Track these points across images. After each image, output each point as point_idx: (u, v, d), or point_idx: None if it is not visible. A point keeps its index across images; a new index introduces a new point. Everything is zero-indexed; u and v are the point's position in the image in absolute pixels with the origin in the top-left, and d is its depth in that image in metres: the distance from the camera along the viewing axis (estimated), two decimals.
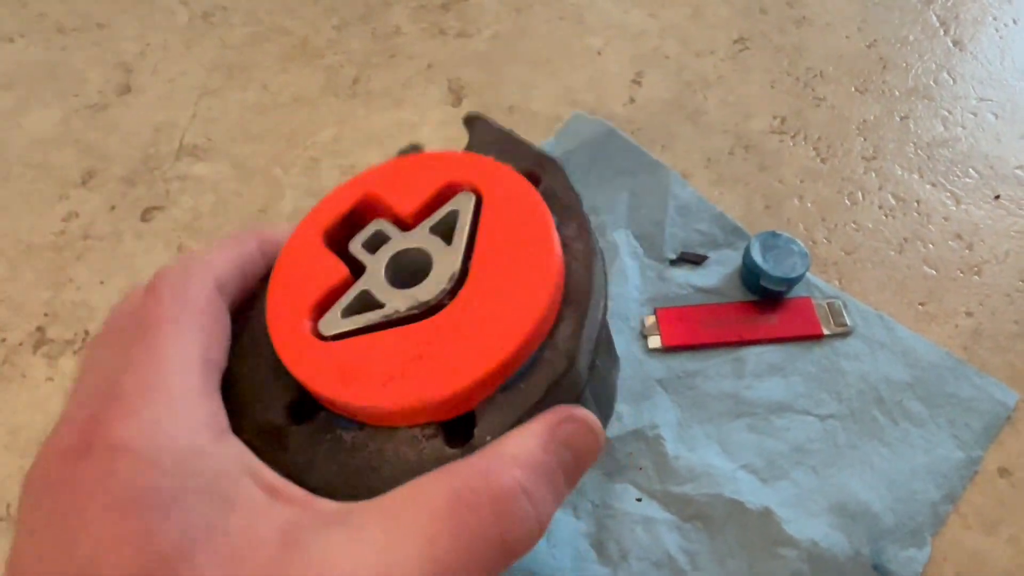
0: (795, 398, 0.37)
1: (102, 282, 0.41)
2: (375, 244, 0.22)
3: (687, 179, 0.45)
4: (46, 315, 0.40)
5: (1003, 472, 0.35)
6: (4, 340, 0.39)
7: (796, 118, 0.48)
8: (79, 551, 0.15)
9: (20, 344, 0.39)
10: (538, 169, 0.24)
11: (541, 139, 0.46)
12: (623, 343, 0.38)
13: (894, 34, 0.53)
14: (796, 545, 0.32)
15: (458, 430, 0.20)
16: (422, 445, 0.19)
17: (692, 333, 0.38)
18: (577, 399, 0.21)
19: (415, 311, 0.21)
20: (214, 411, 0.18)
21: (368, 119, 0.48)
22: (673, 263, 0.41)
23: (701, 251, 0.41)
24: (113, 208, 0.44)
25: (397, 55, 0.51)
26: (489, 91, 0.49)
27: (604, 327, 0.24)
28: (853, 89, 0.50)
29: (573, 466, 0.19)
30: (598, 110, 0.48)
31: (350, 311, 0.21)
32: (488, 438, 0.19)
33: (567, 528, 0.32)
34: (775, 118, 0.48)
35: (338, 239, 0.23)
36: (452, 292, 0.21)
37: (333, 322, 0.21)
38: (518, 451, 0.18)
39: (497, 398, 0.19)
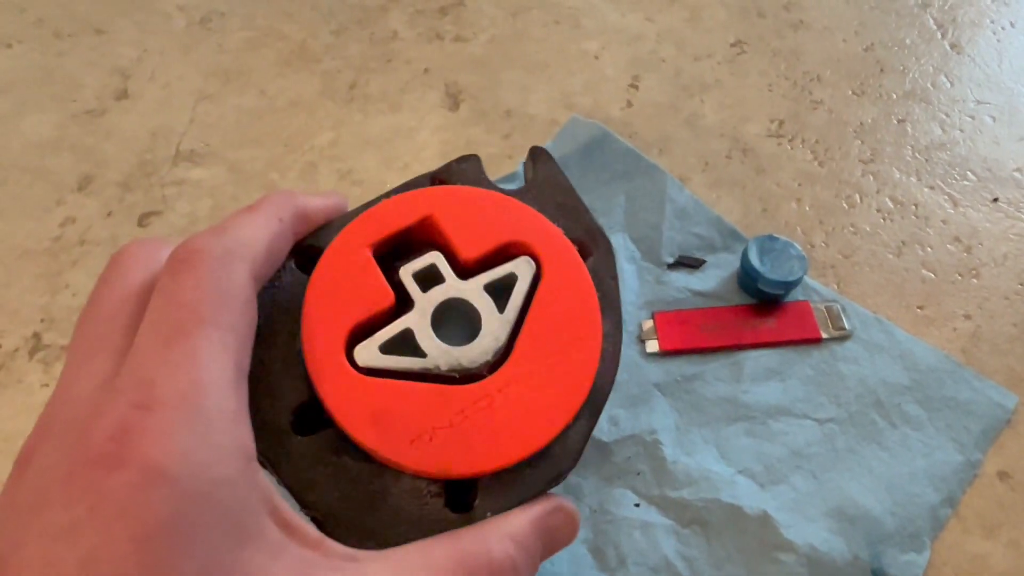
0: (793, 402, 0.36)
1: None
2: (427, 279, 0.22)
3: (684, 183, 0.44)
4: (42, 321, 0.40)
5: (1003, 475, 0.35)
6: (0, 346, 0.39)
7: (793, 121, 0.48)
8: (96, 570, 0.14)
9: (16, 350, 0.39)
10: (591, 243, 0.24)
11: (539, 143, 0.46)
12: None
13: (891, 37, 0.53)
14: (795, 550, 0.32)
15: (459, 495, 0.21)
16: (425, 501, 0.20)
17: (690, 337, 0.38)
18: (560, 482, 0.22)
19: (454, 374, 0.21)
20: (244, 436, 0.17)
21: (365, 123, 0.48)
22: (670, 267, 0.41)
23: (698, 255, 0.41)
24: (110, 214, 0.44)
25: (394, 60, 0.51)
26: (486, 95, 0.49)
27: None
28: (850, 92, 0.50)
29: (551, 548, 0.21)
30: (595, 114, 0.48)
31: (388, 347, 0.21)
32: (488, 514, 0.20)
33: None
34: (772, 121, 0.48)
35: (386, 253, 0.23)
36: (494, 366, 0.21)
37: (370, 354, 0.21)
38: (515, 531, 0.20)
39: (502, 477, 0.20)
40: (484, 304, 0.22)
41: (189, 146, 0.47)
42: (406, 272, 0.22)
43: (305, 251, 0.23)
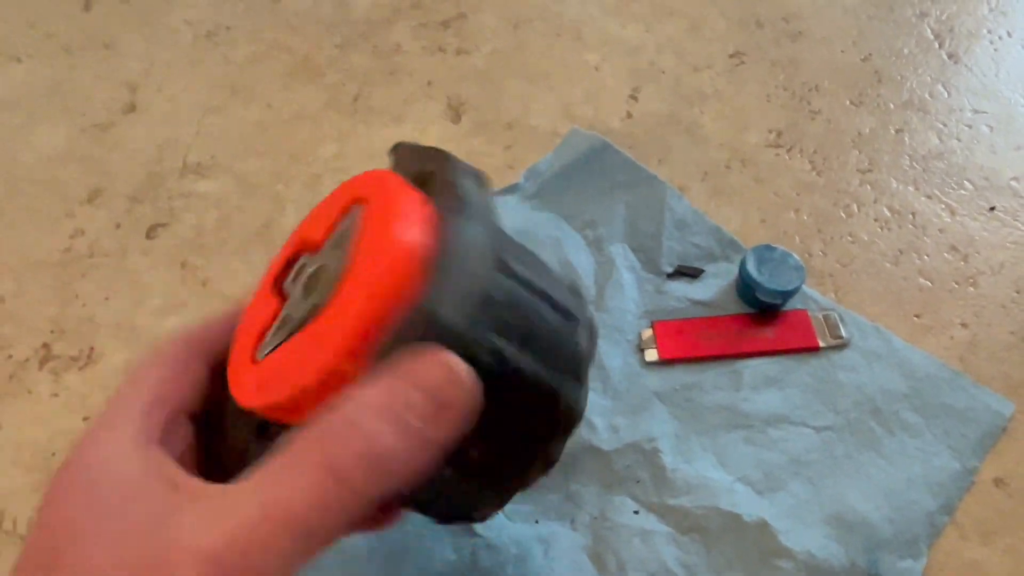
0: (792, 410, 0.37)
1: (107, 299, 0.42)
2: (298, 275, 0.24)
3: (684, 193, 0.45)
4: (52, 331, 0.40)
5: (999, 482, 0.36)
6: (10, 356, 0.39)
7: (792, 131, 0.49)
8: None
9: (26, 360, 0.39)
10: (433, 166, 0.24)
11: (539, 154, 0.47)
12: (620, 356, 0.38)
13: (889, 47, 0.53)
14: (793, 556, 0.32)
15: None
16: None
17: (689, 346, 0.38)
18: (476, 367, 0.20)
19: (309, 315, 0.22)
20: (146, 429, 0.21)
21: (369, 135, 0.49)
22: (670, 276, 0.41)
23: (698, 264, 0.42)
24: (118, 226, 0.45)
25: (397, 72, 0.52)
26: (488, 107, 0.50)
27: (525, 297, 0.23)
28: (848, 102, 0.50)
29: (430, 406, 0.18)
30: (595, 125, 0.49)
31: (275, 333, 0.23)
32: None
33: (565, 541, 0.33)
34: (771, 131, 0.49)
35: (280, 282, 0.25)
36: (335, 289, 0.21)
37: (264, 346, 0.23)
38: (354, 394, 0.18)
39: (373, 371, 0.19)
40: (334, 257, 0.23)
41: (196, 158, 0.48)
42: (288, 281, 0.25)
43: None
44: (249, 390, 0.22)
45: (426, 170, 0.24)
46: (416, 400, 0.18)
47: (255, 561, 0.17)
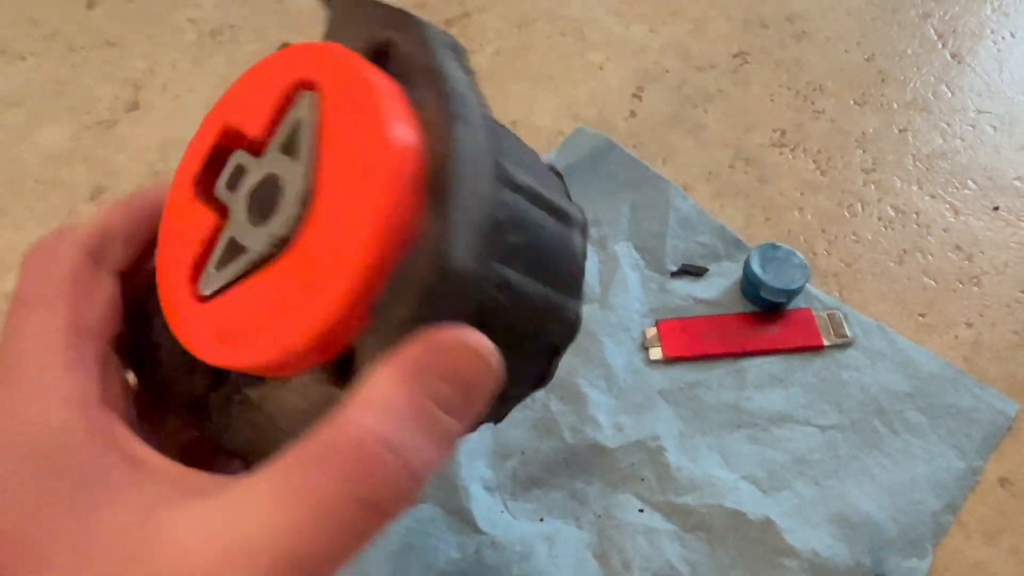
0: (796, 409, 0.37)
1: None
2: (235, 181, 0.19)
3: (688, 192, 0.45)
4: None
5: (1004, 482, 0.36)
6: None
7: (796, 131, 0.49)
8: None
9: None
10: (392, 34, 0.19)
11: (544, 153, 0.47)
12: (624, 355, 0.38)
13: (893, 48, 0.53)
14: (797, 555, 0.32)
15: (346, 367, 0.17)
16: (310, 390, 0.17)
17: (693, 344, 0.38)
18: (483, 306, 0.17)
19: (275, 249, 0.18)
20: (79, 383, 0.16)
21: None
22: (674, 275, 0.41)
23: (702, 263, 0.42)
24: None
25: None
26: (492, 106, 0.50)
27: (523, 204, 0.19)
28: (852, 102, 0.50)
29: (460, 399, 0.16)
30: (600, 125, 0.49)
31: (223, 263, 0.19)
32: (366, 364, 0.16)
33: (569, 538, 0.33)
34: (775, 131, 0.49)
35: (207, 184, 0.20)
36: (305, 217, 0.17)
37: (210, 279, 0.19)
38: (374, 396, 0.15)
39: (372, 324, 0.16)
40: (284, 166, 0.18)
41: None
42: (219, 186, 0.20)
43: None
44: (205, 339, 0.18)
45: (382, 38, 0.19)
46: (446, 394, 0.15)
47: None
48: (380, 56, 0.19)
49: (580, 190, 0.44)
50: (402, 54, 0.18)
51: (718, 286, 0.41)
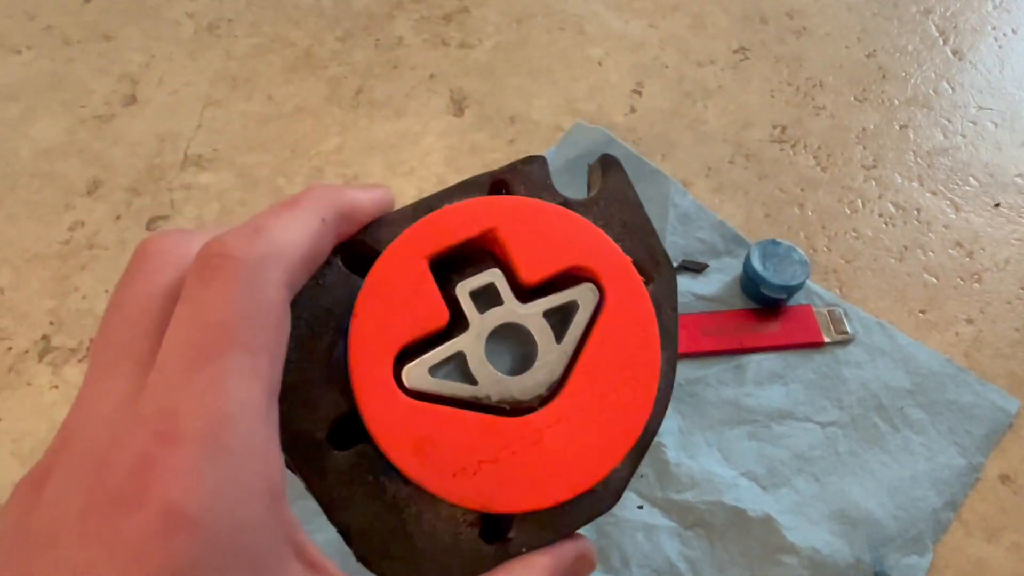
0: (796, 405, 0.37)
1: (107, 291, 0.41)
2: (484, 298, 0.21)
3: (687, 188, 0.45)
4: (51, 323, 0.40)
5: (1005, 479, 0.35)
6: (10, 348, 0.39)
7: (796, 127, 0.48)
8: None
9: (26, 352, 0.39)
10: (653, 268, 0.23)
11: (542, 149, 0.47)
12: None
13: (893, 44, 0.53)
14: (797, 552, 0.32)
15: (494, 527, 0.20)
16: (460, 531, 0.19)
17: (693, 341, 0.38)
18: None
19: (505, 405, 0.20)
20: (273, 471, 0.16)
21: (371, 129, 0.48)
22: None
23: (701, 259, 0.41)
24: (118, 218, 0.44)
25: (399, 66, 0.52)
26: (491, 101, 0.50)
27: None
28: (853, 98, 0.50)
29: None
30: (599, 120, 0.48)
31: (438, 369, 0.20)
32: (524, 549, 0.19)
33: None
34: (775, 127, 0.48)
35: (443, 265, 0.21)
36: (546, 399, 0.20)
37: (419, 375, 0.20)
38: (536, 574, 0.19)
39: (539, 513, 0.19)
40: (542, 331, 0.21)
41: (197, 151, 0.47)
42: (463, 289, 0.21)
43: (354, 249, 0.21)
44: (396, 436, 0.19)
45: (645, 268, 0.23)
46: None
47: None
48: (642, 269, 0.22)
49: (580, 186, 0.44)
50: (655, 296, 0.22)
51: (718, 282, 0.40)
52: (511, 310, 0.21)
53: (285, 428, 0.18)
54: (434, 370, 0.20)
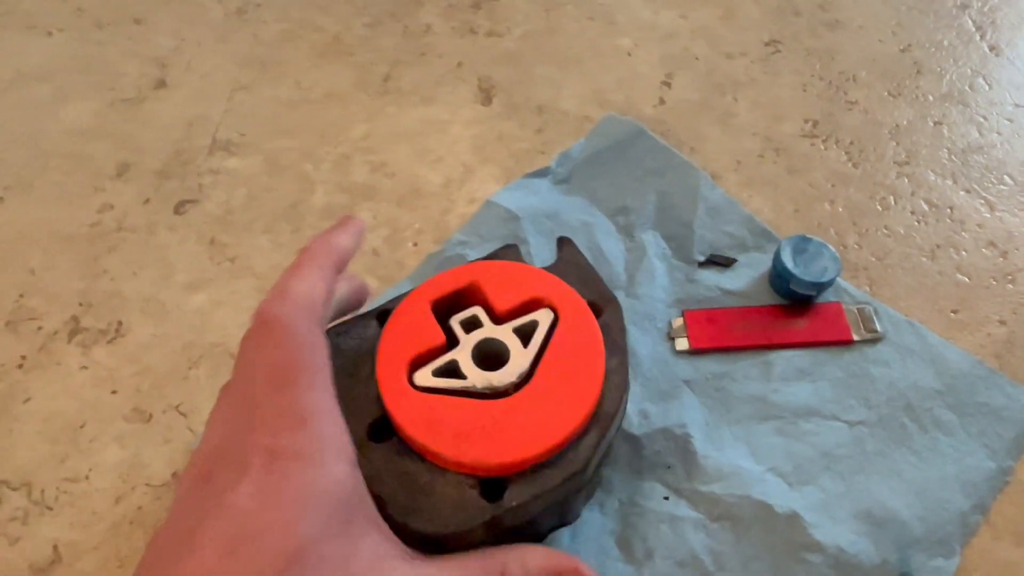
0: (823, 403, 0.36)
1: (135, 273, 0.42)
2: (469, 325, 0.29)
3: (716, 181, 0.44)
4: (80, 304, 0.40)
5: None
6: (40, 328, 0.40)
7: (828, 122, 0.48)
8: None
9: (55, 333, 0.39)
10: (603, 303, 0.31)
11: (571, 139, 0.46)
12: (650, 344, 0.37)
13: (929, 38, 0.52)
14: (822, 550, 0.32)
15: (492, 488, 0.26)
16: (464, 492, 0.26)
17: (720, 336, 0.38)
18: (580, 490, 0.28)
19: (488, 392, 0.27)
20: (350, 445, 0.23)
21: (398, 116, 0.48)
22: (701, 265, 0.41)
23: (730, 254, 0.41)
24: (147, 201, 0.44)
25: (428, 53, 0.52)
26: (519, 90, 0.49)
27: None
28: (886, 93, 0.49)
29: None
30: (628, 111, 0.48)
31: (439, 373, 0.28)
32: (513, 503, 0.25)
33: (593, 525, 0.32)
34: (806, 122, 0.48)
35: (442, 310, 0.29)
36: (518, 386, 0.27)
37: (425, 377, 0.27)
38: (529, 561, 0.25)
39: (526, 475, 0.26)
40: (512, 342, 0.29)
41: (225, 136, 0.48)
42: (455, 320, 0.29)
43: (386, 314, 0.30)
44: (413, 418, 0.26)
45: (596, 303, 0.31)
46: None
47: None
48: (595, 306, 0.30)
49: (607, 177, 0.44)
50: (605, 323, 0.30)
51: (746, 277, 0.40)
52: (489, 330, 0.29)
53: None
54: (436, 373, 0.28)
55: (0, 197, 0.45)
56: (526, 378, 0.28)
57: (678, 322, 0.38)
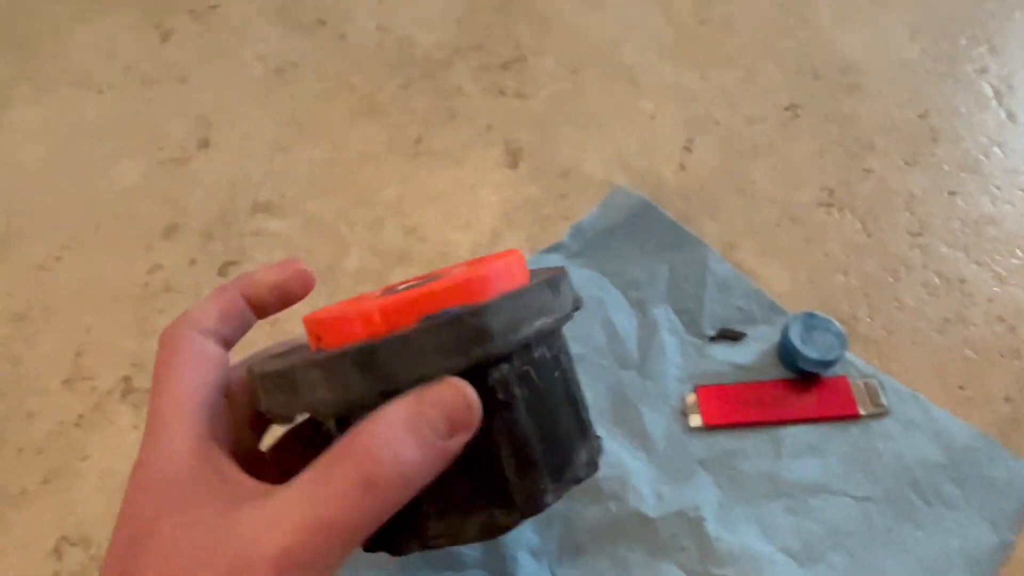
0: (831, 479, 0.38)
1: None
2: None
3: (732, 250, 0.46)
4: (133, 364, 0.43)
5: None
6: (95, 388, 0.42)
7: (844, 190, 0.49)
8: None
9: (109, 392, 0.42)
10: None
11: (592, 203, 0.48)
12: (663, 423, 0.39)
13: (947, 104, 0.53)
14: None
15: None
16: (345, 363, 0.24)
17: (732, 412, 0.40)
18: (488, 356, 0.24)
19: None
20: (196, 422, 0.24)
21: (430, 179, 0.51)
22: (712, 339, 0.42)
23: (739, 327, 0.43)
24: (193, 262, 0.47)
25: (458, 115, 0.54)
26: (544, 154, 0.51)
27: (556, 361, 0.28)
28: (902, 161, 0.51)
29: (441, 421, 0.23)
30: (650, 176, 0.50)
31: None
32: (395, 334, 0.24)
33: None
34: (823, 190, 0.49)
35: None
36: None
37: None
38: (387, 409, 0.23)
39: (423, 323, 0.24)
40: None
41: (266, 197, 0.50)
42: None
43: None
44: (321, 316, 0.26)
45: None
46: (434, 417, 0.23)
47: (308, 568, 0.21)
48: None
49: (618, 251, 0.46)
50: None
51: (755, 351, 0.42)
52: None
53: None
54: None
55: (59, 256, 0.48)
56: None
57: (691, 398, 0.40)
